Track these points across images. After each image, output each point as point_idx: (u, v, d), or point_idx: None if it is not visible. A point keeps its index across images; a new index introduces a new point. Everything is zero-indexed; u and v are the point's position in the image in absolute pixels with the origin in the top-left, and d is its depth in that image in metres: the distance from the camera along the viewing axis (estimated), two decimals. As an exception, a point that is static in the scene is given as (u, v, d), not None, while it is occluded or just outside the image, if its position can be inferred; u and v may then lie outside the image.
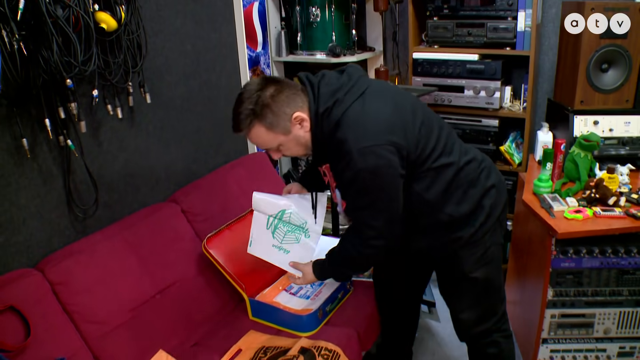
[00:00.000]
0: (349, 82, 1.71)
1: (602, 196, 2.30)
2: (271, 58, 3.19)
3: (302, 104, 1.72)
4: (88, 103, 2.06)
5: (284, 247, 2.15)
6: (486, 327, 2.00)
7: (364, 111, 1.67)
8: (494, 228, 1.89)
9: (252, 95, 1.70)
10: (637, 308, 2.38)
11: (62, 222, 2.06)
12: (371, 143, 1.63)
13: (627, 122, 2.61)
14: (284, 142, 1.76)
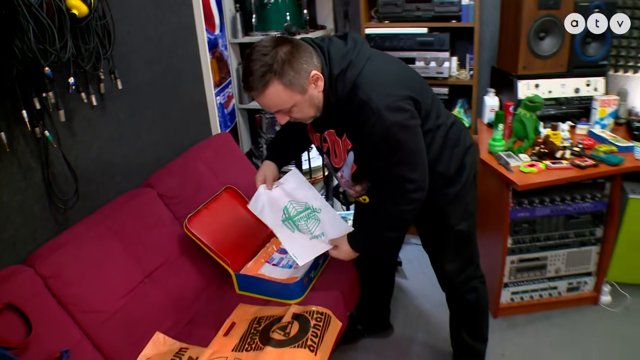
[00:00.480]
0: (356, 46, 1.69)
1: (550, 150, 2.48)
2: (228, 40, 3.14)
3: (317, 64, 1.65)
4: (63, 92, 1.95)
5: (317, 234, 2.10)
6: (467, 275, 2.11)
7: (378, 71, 1.67)
8: (472, 184, 1.99)
9: (270, 52, 1.58)
10: (582, 248, 2.62)
11: (44, 216, 1.97)
12: (395, 98, 1.62)
13: (563, 84, 2.80)
14: (298, 102, 1.66)
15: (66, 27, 1.79)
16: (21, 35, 1.65)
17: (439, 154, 1.86)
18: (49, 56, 1.74)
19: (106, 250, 2.05)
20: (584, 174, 2.36)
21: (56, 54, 1.76)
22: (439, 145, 1.84)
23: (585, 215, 2.54)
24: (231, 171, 2.75)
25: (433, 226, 2.06)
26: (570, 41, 2.73)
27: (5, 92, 1.74)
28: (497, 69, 3.06)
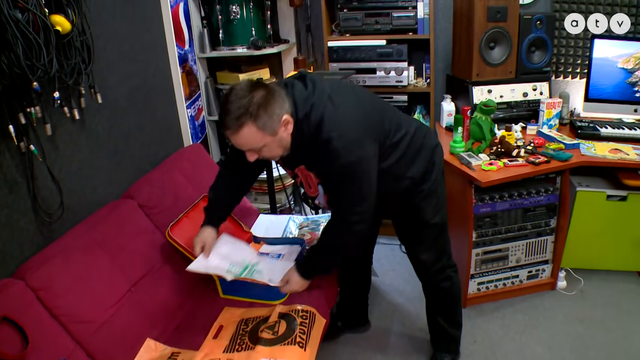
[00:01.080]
0: (315, 88, 1.80)
1: (507, 150, 2.63)
2: (196, 55, 3.17)
3: (289, 108, 1.75)
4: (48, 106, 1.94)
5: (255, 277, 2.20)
6: (441, 265, 2.22)
7: (338, 111, 1.77)
8: (441, 179, 2.11)
9: (247, 96, 1.68)
10: (539, 238, 2.78)
11: (31, 229, 1.94)
12: (352, 138, 1.75)
13: (512, 89, 3.00)
14: (268, 143, 1.76)
15: (51, 43, 1.79)
16: (8, 52, 1.65)
17: (408, 161, 1.99)
18: (37, 71, 1.74)
19: (93, 261, 2.03)
20: (538, 169, 2.53)
21: (43, 69, 1.76)
22: (405, 154, 1.98)
23: (540, 207, 2.71)
24: (206, 180, 2.75)
25: (409, 221, 2.16)
26: (517, 50, 2.93)
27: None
28: (452, 77, 3.22)
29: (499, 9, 2.82)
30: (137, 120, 2.58)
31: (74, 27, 1.95)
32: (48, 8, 1.83)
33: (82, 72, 2.07)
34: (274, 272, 2.21)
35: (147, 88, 2.67)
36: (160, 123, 2.79)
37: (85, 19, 2.06)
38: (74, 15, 1.95)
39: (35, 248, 1.96)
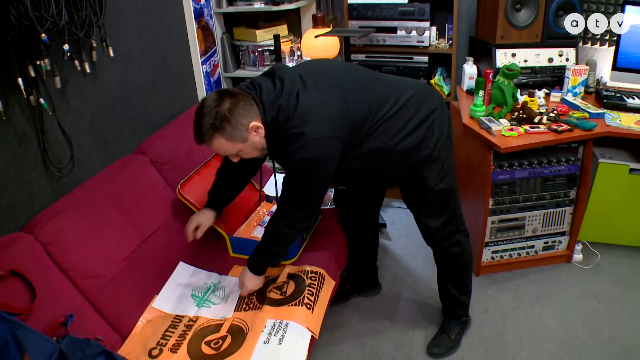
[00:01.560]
0: (283, 87, 1.80)
1: (529, 116, 2.54)
2: (212, 10, 3.08)
3: (256, 113, 1.79)
4: (58, 59, 1.90)
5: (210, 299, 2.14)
6: (450, 230, 2.16)
7: (308, 107, 1.77)
8: (445, 143, 2.01)
9: (211, 111, 1.75)
10: (557, 208, 2.70)
11: (41, 183, 1.93)
12: (316, 135, 1.74)
13: (538, 54, 2.87)
14: (242, 149, 1.84)
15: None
16: (16, 3, 1.60)
17: (396, 135, 1.91)
18: (45, 23, 1.70)
19: (103, 216, 2.03)
20: (560, 137, 2.43)
21: (52, 20, 1.72)
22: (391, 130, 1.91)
23: (560, 177, 2.62)
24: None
25: (413, 188, 2.11)
26: (544, 13, 2.78)
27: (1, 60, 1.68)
28: (475, 39, 3.09)
29: (526, -31, 2.67)
30: (150, 75, 2.54)
31: (85, -23, 1.89)
32: (58, -42, 1.77)
33: (93, 25, 2.01)
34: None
35: (162, 42, 2.61)
36: (174, 78, 2.74)
37: (97, -31, 1.99)
38: (85, -34, 1.89)
39: (45, 202, 1.96)
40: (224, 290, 2.14)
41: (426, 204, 2.11)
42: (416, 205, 2.16)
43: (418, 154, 1.95)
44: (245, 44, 3.21)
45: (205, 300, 2.08)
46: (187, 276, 2.22)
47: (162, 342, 1.86)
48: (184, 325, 1.94)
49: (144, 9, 2.44)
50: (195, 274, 2.23)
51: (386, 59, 3.20)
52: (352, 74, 1.94)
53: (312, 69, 1.91)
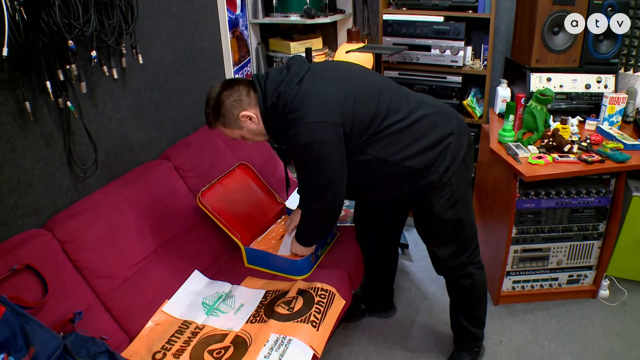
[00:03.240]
0: (289, 73, 1.86)
1: (559, 144, 2.44)
2: (248, 20, 3.11)
3: (249, 103, 1.89)
4: (85, 65, 1.96)
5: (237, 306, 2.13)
6: (460, 261, 2.08)
7: (307, 93, 1.81)
8: (459, 170, 1.94)
9: (210, 101, 1.93)
10: (584, 241, 2.59)
11: (65, 183, 1.98)
12: (312, 119, 1.76)
13: (574, 79, 2.75)
14: (242, 134, 1.98)
15: (90, 2, 1.80)
16: (47, 9, 1.66)
17: (402, 150, 1.86)
18: (73, 30, 1.75)
19: (121, 219, 2.07)
20: (590, 169, 2.33)
21: (80, 28, 1.77)
22: (397, 143, 1.86)
23: (589, 209, 2.51)
24: (247, 148, 2.76)
25: (421, 213, 2.05)
26: (583, 37, 2.68)
27: (31, 64, 1.75)
28: (510, 61, 3.00)
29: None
30: (181, 83, 2.58)
31: (116, -14, 1.94)
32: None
33: (123, 32, 2.06)
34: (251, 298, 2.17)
35: (195, 51, 2.65)
36: (206, 87, 2.75)
37: (130, -22, 2.04)
38: (117, -26, 1.94)
39: (67, 202, 2.01)
40: (234, 299, 2.14)
41: (434, 232, 2.06)
42: (424, 232, 2.12)
43: (425, 177, 1.89)
44: (279, 55, 3.22)
45: (214, 309, 2.08)
46: (201, 285, 2.23)
47: (167, 346, 1.88)
48: (190, 331, 1.96)
49: (178, 18, 2.49)
50: (209, 284, 2.25)
51: (419, 77, 3.16)
52: (367, 76, 1.94)
53: (327, 65, 1.98)
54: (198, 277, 2.24)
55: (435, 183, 1.89)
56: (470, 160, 2.00)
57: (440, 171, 1.88)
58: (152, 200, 2.22)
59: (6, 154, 1.73)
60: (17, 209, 1.79)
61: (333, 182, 1.87)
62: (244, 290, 2.19)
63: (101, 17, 1.94)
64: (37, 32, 1.68)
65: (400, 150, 1.85)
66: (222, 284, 2.24)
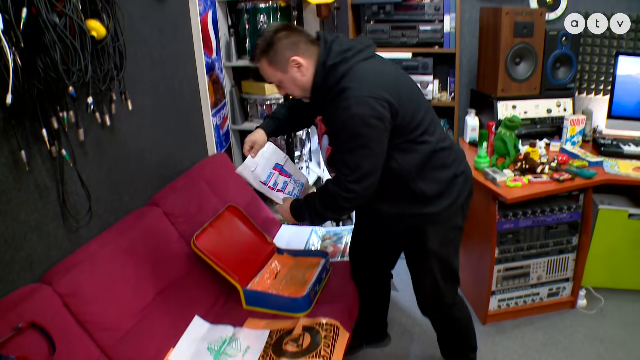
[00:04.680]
0: (359, 45, 1.85)
1: (531, 166, 2.59)
2: (222, 63, 3.14)
3: (305, 52, 1.83)
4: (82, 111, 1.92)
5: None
6: (444, 303, 2.11)
7: (367, 70, 1.80)
8: (456, 212, 1.99)
9: (265, 35, 1.86)
10: (560, 255, 2.73)
11: (59, 234, 1.90)
12: (367, 94, 1.72)
13: (537, 105, 2.96)
14: (282, 80, 1.89)
15: (87, 48, 1.77)
16: (44, 56, 1.62)
17: (420, 169, 1.89)
18: (72, 76, 1.71)
19: (119, 269, 2.01)
20: (562, 187, 2.49)
21: (79, 75, 1.74)
22: (420, 160, 1.88)
23: (562, 225, 2.66)
24: (230, 190, 2.75)
25: (413, 246, 2.07)
26: (542, 66, 2.90)
27: (25, 111, 1.69)
28: (476, 92, 3.18)
29: (525, 25, 2.79)
30: (163, 128, 2.56)
31: (109, 33, 1.92)
32: (84, 13, 1.80)
33: (114, 78, 2.04)
34: None
35: (174, 96, 2.65)
36: (186, 131, 2.76)
37: (119, 24, 2.03)
38: (108, 21, 1.93)
39: (62, 253, 1.93)
40: (239, 342, 2.10)
41: (421, 270, 2.08)
42: (413, 269, 2.13)
43: (430, 206, 1.92)
44: (253, 97, 3.25)
45: (221, 353, 2.03)
46: (203, 330, 2.17)
47: (179, 395, 1.82)
48: (200, 378, 1.90)
49: (159, 63, 2.49)
50: (210, 329, 2.19)
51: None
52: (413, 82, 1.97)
53: (382, 57, 1.96)
54: (199, 322, 2.18)
55: (435, 216, 1.94)
56: (467, 208, 2.06)
57: (443, 205, 1.93)
58: (146, 248, 2.16)
59: (1, 206, 1.64)
60: (13, 263, 1.70)
61: (376, 168, 1.82)
62: (248, 331, 2.15)
63: (95, 63, 1.91)
64: (33, 79, 1.62)
65: (422, 169, 1.89)
66: (225, 327, 2.19)
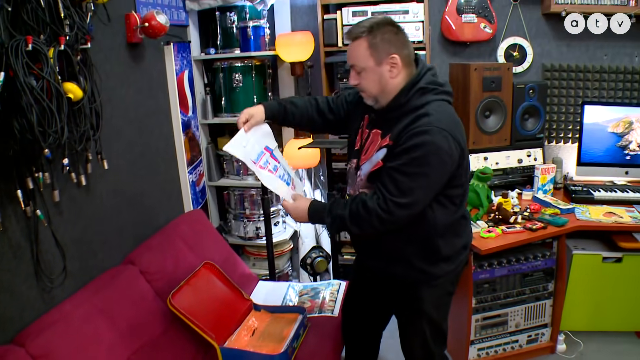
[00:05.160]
0: (448, 88, 1.88)
1: (504, 216, 2.67)
2: (199, 121, 3.23)
3: (404, 59, 1.81)
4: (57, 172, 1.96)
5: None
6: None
7: (449, 111, 1.83)
8: (453, 279, 2.05)
9: (379, 19, 1.82)
10: (537, 302, 2.78)
11: (32, 294, 1.91)
12: (447, 129, 1.73)
13: (508, 156, 3.09)
14: (368, 69, 1.83)
15: (63, 110, 1.83)
16: (21, 118, 1.67)
17: (445, 228, 1.91)
18: (48, 138, 1.76)
19: (93, 329, 1.99)
20: (535, 235, 2.57)
21: (55, 136, 1.78)
22: (450, 219, 1.91)
23: (537, 272, 2.73)
24: (206, 246, 2.78)
25: (407, 308, 2.09)
26: (511, 118, 3.04)
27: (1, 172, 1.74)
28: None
29: (493, 79, 2.95)
30: (139, 186, 2.61)
31: (86, 95, 2.00)
32: (61, 75, 1.88)
33: (90, 138, 2.10)
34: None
35: (151, 154, 2.71)
36: (162, 188, 2.82)
37: (96, 86, 2.11)
38: (85, 83, 2.01)
39: (35, 314, 1.91)
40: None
41: (412, 332, 2.09)
42: (403, 331, 2.15)
43: (433, 266, 1.95)
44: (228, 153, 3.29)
45: None
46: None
47: None
48: None
49: (136, 123, 2.56)
50: None
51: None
52: None
53: None
54: None
55: (434, 278, 1.97)
56: (457, 281, 2.11)
57: (445, 270, 1.97)
58: (121, 308, 2.15)
59: (-26, 267, 1.67)
60: (-16, 325, 1.70)
61: (423, 201, 1.81)
62: None
63: (71, 124, 1.96)
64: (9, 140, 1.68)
65: (447, 230, 1.92)
66: None
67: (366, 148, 1.98)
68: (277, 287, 2.90)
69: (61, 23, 1.86)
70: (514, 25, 3.24)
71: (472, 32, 3.11)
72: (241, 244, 3.50)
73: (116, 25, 2.38)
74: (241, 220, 3.39)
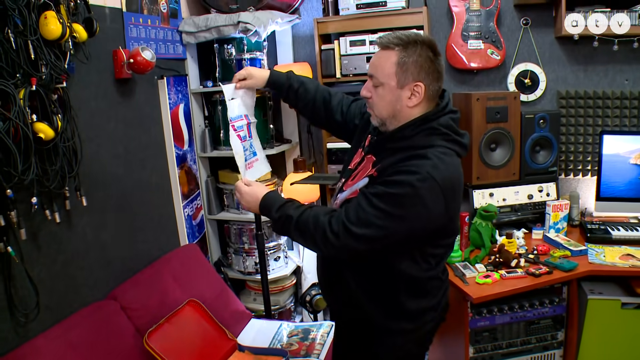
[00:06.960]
0: (466, 140, 1.81)
1: (505, 260, 2.60)
2: (197, 154, 3.34)
3: (428, 92, 1.72)
4: (27, 210, 2.08)
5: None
6: None
7: (457, 164, 1.74)
8: (416, 341, 1.96)
9: (420, 37, 1.72)
10: (545, 352, 2.68)
11: (4, 328, 2.02)
12: (441, 181, 1.63)
13: (516, 191, 2.99)
14: (386, 86, 1.73)
15: (31, 150, 1.95)
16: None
17: (414, 284, 1.84)
18: (12, 179, 1.89)
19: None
20: (539, 282, 2.49)
21: (18, 177, 1.90)
22: (420, 277, 1.84)
23: (545, 319, 2.62)
24: (197, 283, 2.85)
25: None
26: (520, 150, 2.95)
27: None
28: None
29: (498, 110, 2.89)
30: (129, 220, 2.71)
31: (58, 134, 2.11)
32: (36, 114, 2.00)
33: (66, 176, 2.22)
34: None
35: (143, 188, 2.83)
36: (155, 223, 2.92)
37: (75, 123, 2.24)
38: (59, 122, 2.12)
39: (7, 347, 2.02)
40: None
41: None
42: None
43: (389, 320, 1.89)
44: (229, 187, 3.41)
45: None
46: None
47: None
48: None
49: (124, 157, 2.68)
50: None
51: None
52: None
53: None
54: None
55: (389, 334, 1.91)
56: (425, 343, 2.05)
57: (404, 330, 1.90)
58: (96, 344, 2.23)
59: (-55, 302, 1.79)
60: (-48, 361, 1.82)
61: (378, 247, 1.70)
62: None
63: (43, 163, 2.09)
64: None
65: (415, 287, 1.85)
66: None
67: (355, 173, 1.94)
68: (269, 326, 2.93)
69: (34, 64, 2.00)
70: (525, 51, 3.19)
71: (479, 59, 3.09)
72: (241, 279, 3.56)
73: (104, 61, 2.52)
74: (240, 255, 3.45)
